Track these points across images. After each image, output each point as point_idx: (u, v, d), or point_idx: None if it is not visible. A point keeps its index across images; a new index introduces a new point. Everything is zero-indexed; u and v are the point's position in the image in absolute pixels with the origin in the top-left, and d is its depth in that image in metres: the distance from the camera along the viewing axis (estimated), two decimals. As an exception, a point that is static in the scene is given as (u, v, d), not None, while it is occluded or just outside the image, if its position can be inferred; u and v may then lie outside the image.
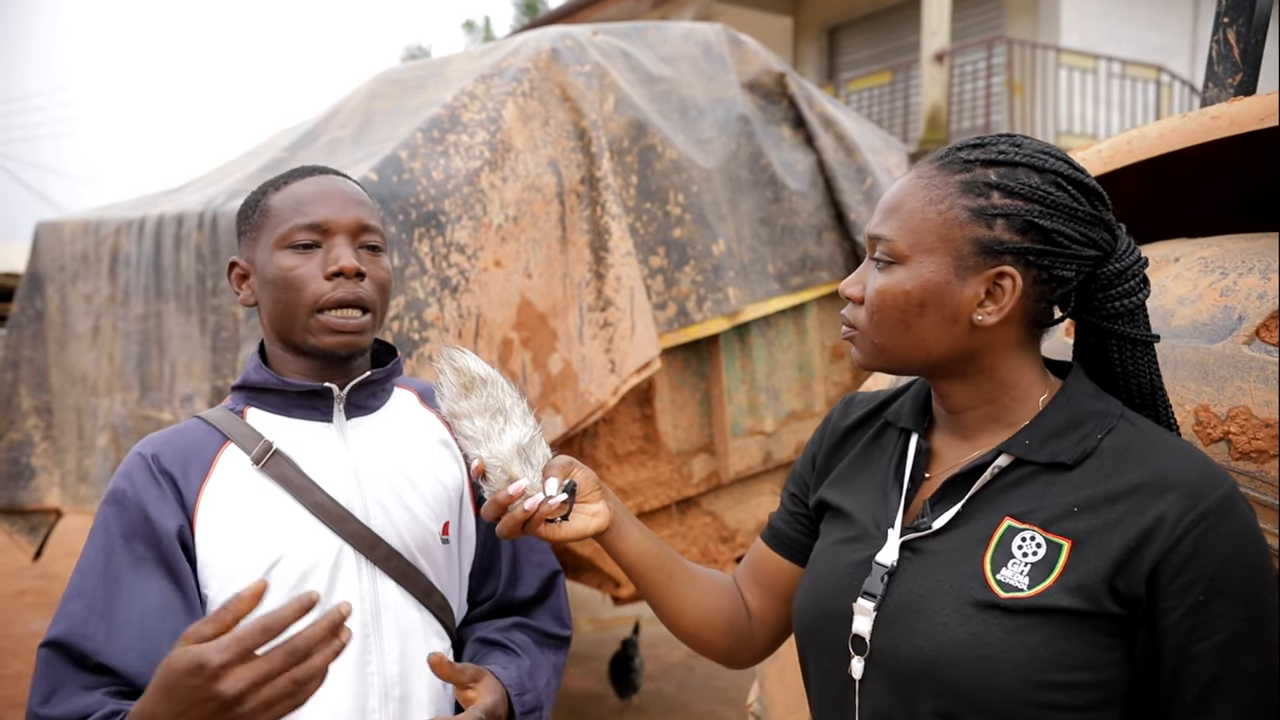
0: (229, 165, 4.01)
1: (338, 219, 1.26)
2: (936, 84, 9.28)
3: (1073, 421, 1.00)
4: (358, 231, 1.27)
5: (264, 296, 1.28)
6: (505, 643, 1.35)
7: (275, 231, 1.26)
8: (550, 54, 3.01)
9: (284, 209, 1.27)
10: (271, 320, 1.28)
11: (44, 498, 3.94)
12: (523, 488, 1.13)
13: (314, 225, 1.25)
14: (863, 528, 1.10)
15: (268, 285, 1.26)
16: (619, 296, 2.90)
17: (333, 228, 1.25)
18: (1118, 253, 1.02)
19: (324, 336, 1.24)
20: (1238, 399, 1.19)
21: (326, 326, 1.24)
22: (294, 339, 1.26)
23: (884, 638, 1.01)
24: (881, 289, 1.03)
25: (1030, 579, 0.94)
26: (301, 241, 1.25)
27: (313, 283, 1.24)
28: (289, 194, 1.28)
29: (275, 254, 1.25)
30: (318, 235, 1.25)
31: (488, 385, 1.19)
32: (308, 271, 1.24)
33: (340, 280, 1.24)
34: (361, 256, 1.27)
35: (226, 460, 1.25)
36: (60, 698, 1.15)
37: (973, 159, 1.02)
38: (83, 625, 1.16)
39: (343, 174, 1.34)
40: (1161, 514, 0.91)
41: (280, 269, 1.24)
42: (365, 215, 1.28)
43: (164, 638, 1.17)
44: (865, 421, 1.21)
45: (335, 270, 1.23)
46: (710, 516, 3.43)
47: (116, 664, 1.15)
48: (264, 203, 1.29)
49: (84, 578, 1.20)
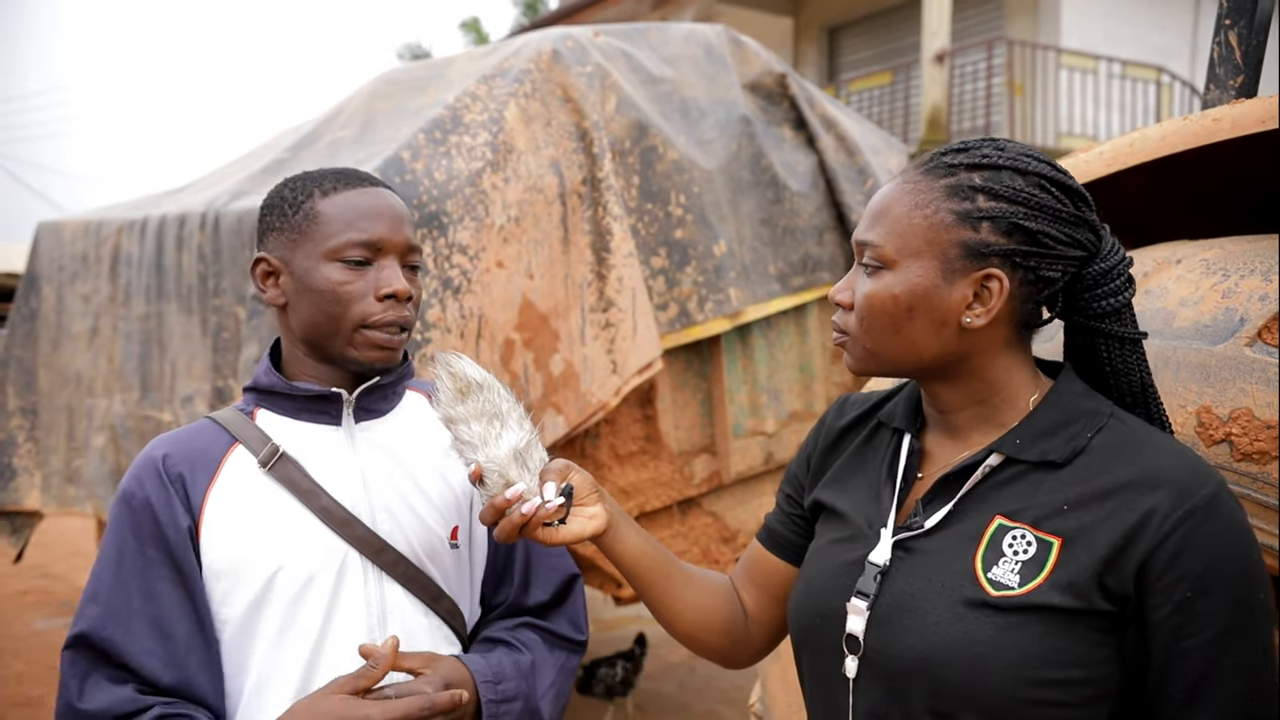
0: (230, 166, 4.02)
1: (391, 239, 1.25)
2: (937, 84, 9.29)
3: (1063, 420, 1.01)
4: (406, 252, 1.27)
5: (301, 302, 1.25)
6: (510, 640, 1.35)
7: (326, 242, 1.23)
8: (552, 55, 3.01)
9: (337, 220, 1.24)
10: (307, 327, 1.26)
11: (23, 499, 3.92)
12: (520, 492, 1.13)
13: (369, 243, 1.24)
14: (856, 528, 1.11)
15: (311, 293, 1.24)
16: (621, 297, 2.90)
17: (386, 247, 1.25)
18: (1102, 253, 1.03)
19: (367, 351, 1.24)
20: (1240, 400, 1.19)
21: (371, 343, 1.24)
22: (331, 349, 1.26)
23: (877, 637, 1.01)
24: (870, 294, 1.04)
25: (1021, 577, 0.95)
26: (354, 258, 1.23)
27: (362, 301, 1.23)
28: (342, 204, 1.25)
29: (324, 265, 1.23)
30: (370, 253, 1.24)
31: (484, 390, 1.19)
32: (358, 289, 1.23)
33: (391, 303, 1.24)
34: (406, 277, 1.27)
35: (234, 462, 1.26)
36: (91, 691, 1.16)
37: (957, 163, 1.03)
38: (101, 628, 1.18)
39: (389, 187, 1.32)
40: (1150, 511, 0.92)
41: (330, 282, 1.23)
42: (412, 235, 1.28)
43: (179, 640, 1.19)
44: (859, 422, 1.22)
45: (389, 293, 1.23)
46: (711, 517, 3.43)
47: (136, 664, 1.17)
48: (310, 206, 1.26)
49: (99, 581, 1.21)
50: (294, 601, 1.21)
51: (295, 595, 1.21)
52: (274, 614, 1.21)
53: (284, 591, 1.21)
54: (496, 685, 1.25)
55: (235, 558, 1.21)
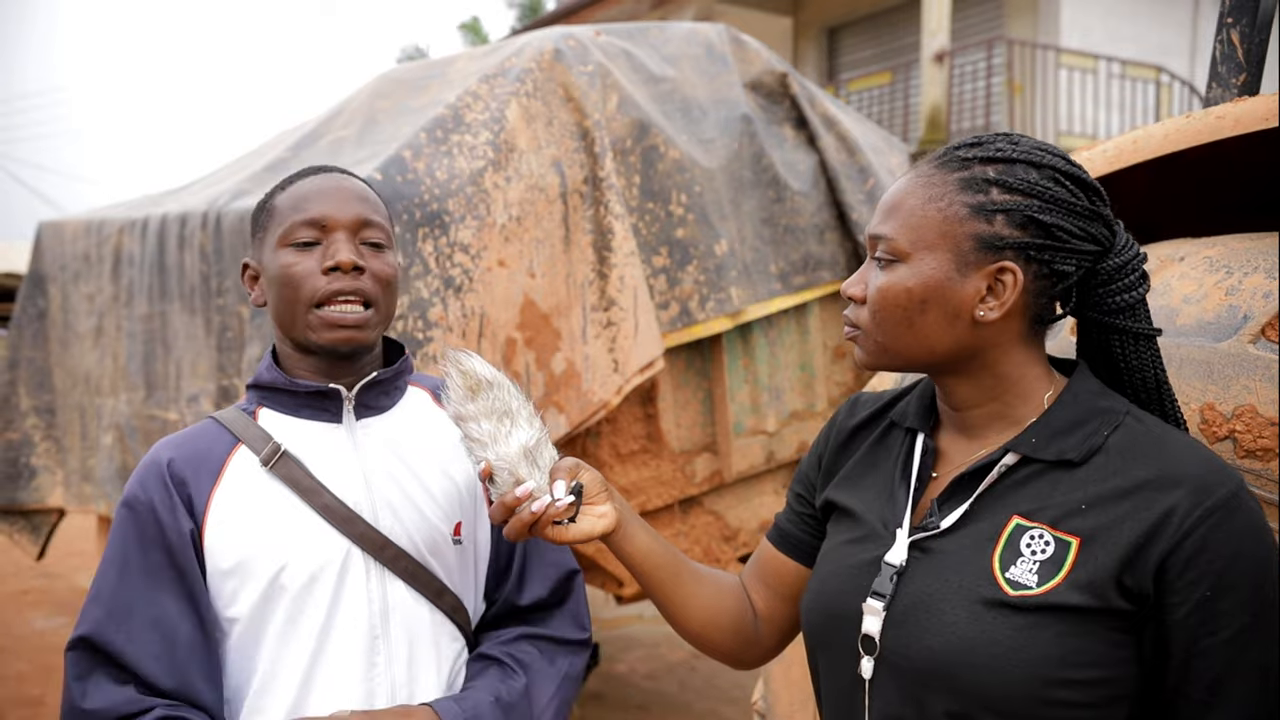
0: (232, 165, 4.02)
1: (336, 215, 1.26)
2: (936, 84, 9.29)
3: (1079, 419, 1.01)
4: (358, 227, 1.27)
5: (269, 295, 1.28)
6: (504, 659, 1.34)
7: (278, 230, 1.26)
8: (553, 54, 3.01)
9: (285, 207, 1.27)
10: (276, 319, 1.28)
11: (46, 497, 3.95)
12: (530, 490, 1.13)
13: (312, 221, 1.25)
14: (870, 528, 1.10)
15: (271, 283, 1.27)
16: (622, 296, 2.90)
17: (331, 224, 1.25)
18: (1116, 248, 1.03)
19: (323, 332, 1.24)
20: (1243, 397, 1.19)
21: (325, 321, 1.24)
22: (296, 336, 1.27)
23: (894, 637, 1.01)
24: (884, 287, 1.04)
25: (1039, 577, 0.94)
26: (301, 239, 1.25)
27: (310, 278, 1.24)
28: (291, 192, 1.28)
29: (277, 252, 1.26)
30: (317, 232, 1.25)
31: (494, 388, 1.18)
32: (306, 268, 1.24)
33: (337, 274, 1.24)
34: (363, 252, 1.26)
35: (237, 462, 1.26)
36: (94, 691, 1.17)
37: (971, 157, 1.02)
38: (103, 630, 1.19)
39: (349, 172, 1.34)
40: (1169, 510, 0.91)
41: (280, 266, 1.25)
42: (366, 211, 1.28)
43: (180, 645, 1.20)
44: (871, 421, 1.22)
45: (331, 265, 1.23)
46: (713, 516, 3.43)
47: (137, 667, 1.18)
48: (270, 203, 1.30)
49: (103, 582, 1.22)
50: (298, 599, 1.22)
51: (299, 593, 1.21)
52: (280, 611, 1.22)
53: (288, 589, 1.21)
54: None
55: (240, 557, 1.21)
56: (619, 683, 4.40)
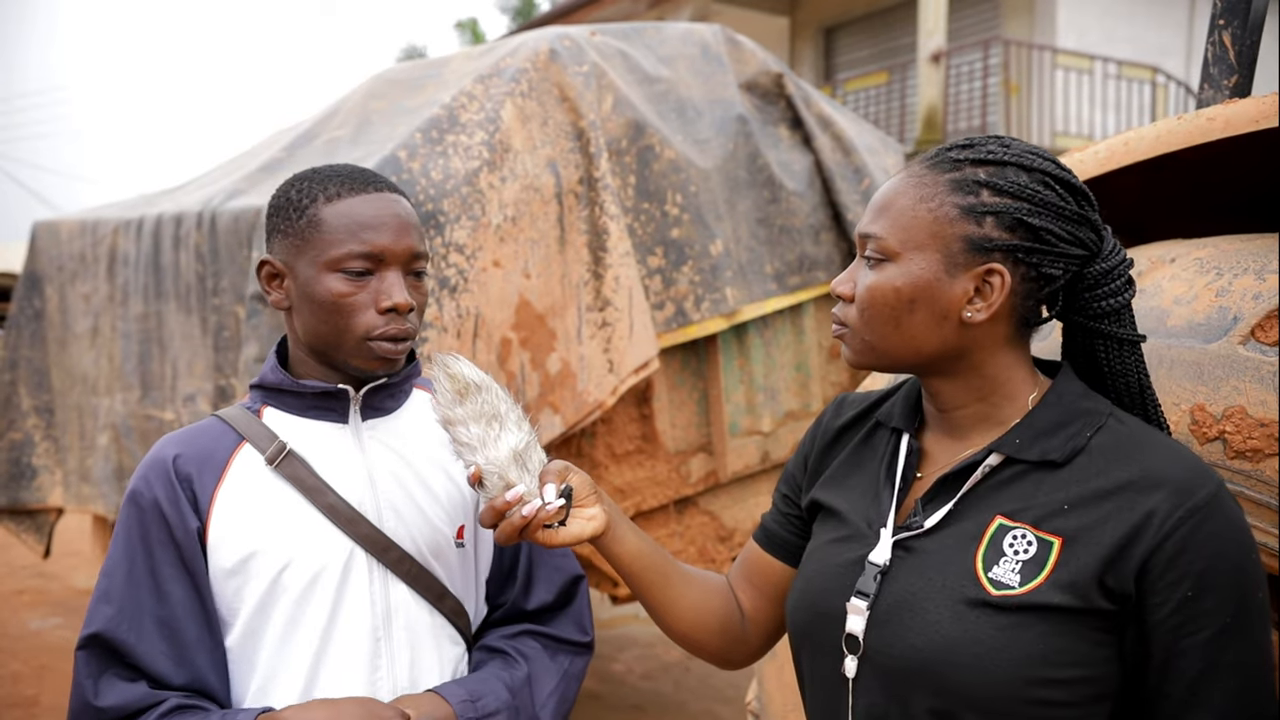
0: (226, 165, 4.01)
1: (393, 249, 1.22)
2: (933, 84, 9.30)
3: (1062, 420, 1.02)
4: (410, 260, 1.24)
5: (304, 310, 1.24)
6: (508, 650, 1.34)
7: (327, 252, 1.21)
8: (548, 54, 3.01)
9: (338, 229, 1.21)
10: (312, 336, 1.25)
11: (47, 497, 3.95)
12: (520, 494, 1.13)
13: (370, 255, 1.21)
14: (855, 527, 1.11)
15: (313, 303, 1.22)
16: (617, 296, 2.90)
17: (388, 258, 1.22)
18: (1104, 252, 1.04)
19: (369, 361, 1.23)
20: (1233, 398, 1.19)
21: (373, 353, 1.22)
22: (335, 358, 1.25)
23: (878, 637, 1.01)
24: (872, 286, 1.05)
25: (1022, 577, 0.95)
26: (355, 269, 1.21)
27: (365, 313, 1.21)
28: (345, 211, 1.22)
29: (325, 275, 1.21)
30: (372, 264, 1.22)
31: (482, 391, 1.18)
32: (360, 301, 1.21)
33: (393, 315, 1.22)
34: (409, 285, 1.24)
35: (241, 460, 1.26)
36: (106, 689, 1.18)
37: (962, 158, 1.03)
38: (114, 628, 1.19)
39: (396, 189, 1.29)
40: (1150, 511, 0.92)
41: (331, 293, 1.20)
42: (416, 242, 1.25)
43: (188, 640, 1.20)
44: (857, 422, 1.22)
45: (389, 307, 1.21)
46: (708, 516, 3.43)
47: (147, 665, 1.19)
48: (314, 212, 1.23)
49: (110, 580, 1.22)
50: (300, 598, 1.22)
51: (302, 592, 1.22)
52: (282, 611, 1.22)
53: (291, 588, 1.21)
54: (475, 703, 1.25)
55: (243, 555, 1.21)
56: (615, 682, 4.40)
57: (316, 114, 3.67)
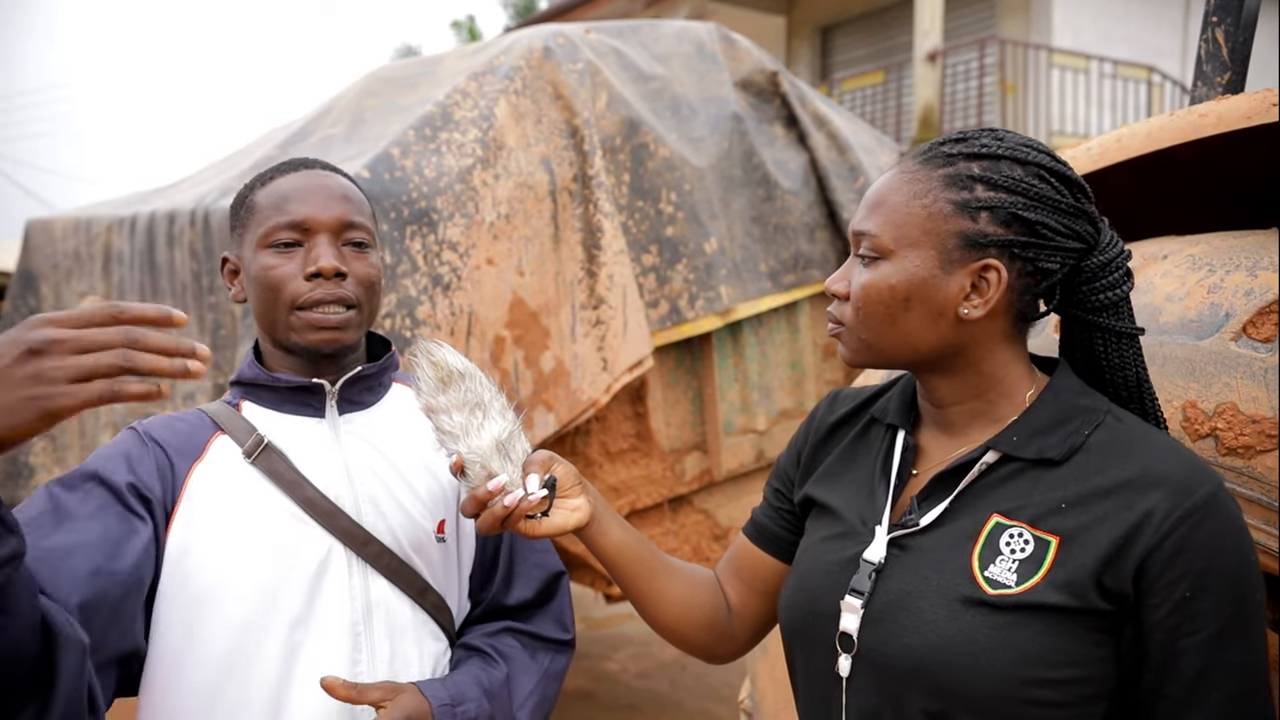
0: (221, 163, 4.01)
1: (318, 217, 1.24)
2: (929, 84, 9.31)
3: (1060, 417, 1.01)
4: (341, 229, 1.25)
5: (250, 294, 1.27)
6: (486, 649, 1.33)
7: (258, 230, 1.24)
8: (543, 52, 3.01)
9: (267, 206, 1.25)
10: (257, 318, 1.27)
11: None
12: (502, 484, 1.11)
13: (294, 224, 1.23)
14: (849, 525, 1.10)
15: (252, 284, 1.26)
16: (611, 294, 2.90)
17: (314, 226, 1.24)
18: (1101, 245, 1.03)
19: (306, 334, 1.23)
20: (1225, 395, 1.19)
21: (307, 323, 1.23)
22: (277, 337, 1.26)
23: (872, 635, 1.00)
24: (867, 284, 1.03)
25: (1018, 575, 0.94)
26: (282, 240, 1.23)
27: (291, 282, 1.22)
28: (272, 190, 1.26)
29: (258, 253, 1.24)
30: (299, 234, 1.24)
31: (465, 379, 1.16)
32: (287, 271, 1.22)
33: (319, 281, 1.22)
34: (345, 254, 1.25)
35: (218, 449, 1.25)
36: None
37: (955, 153, 1.02)
38: None
39: (332, 168, 1.32)
40: (1149, 510, 0.91)
41: (262, 268, 1.23)
42: (349, 212, 1.26)
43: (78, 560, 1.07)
44: (851, 418, 1.21)
45: (314, 271, 1.22)
46: (703, 514, 3.43)
47: None
48: (250, 199, 1.28)
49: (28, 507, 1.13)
50: (272, 589, 1.19)
51: (280, 587, 1.19)
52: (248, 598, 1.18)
53: (268, 583, 1.19)
54: (455, 708, 1.22)
55: (218, 546, 1.18)
56: (610, 681, 4.40)
57: (310, 112, 3.66)
